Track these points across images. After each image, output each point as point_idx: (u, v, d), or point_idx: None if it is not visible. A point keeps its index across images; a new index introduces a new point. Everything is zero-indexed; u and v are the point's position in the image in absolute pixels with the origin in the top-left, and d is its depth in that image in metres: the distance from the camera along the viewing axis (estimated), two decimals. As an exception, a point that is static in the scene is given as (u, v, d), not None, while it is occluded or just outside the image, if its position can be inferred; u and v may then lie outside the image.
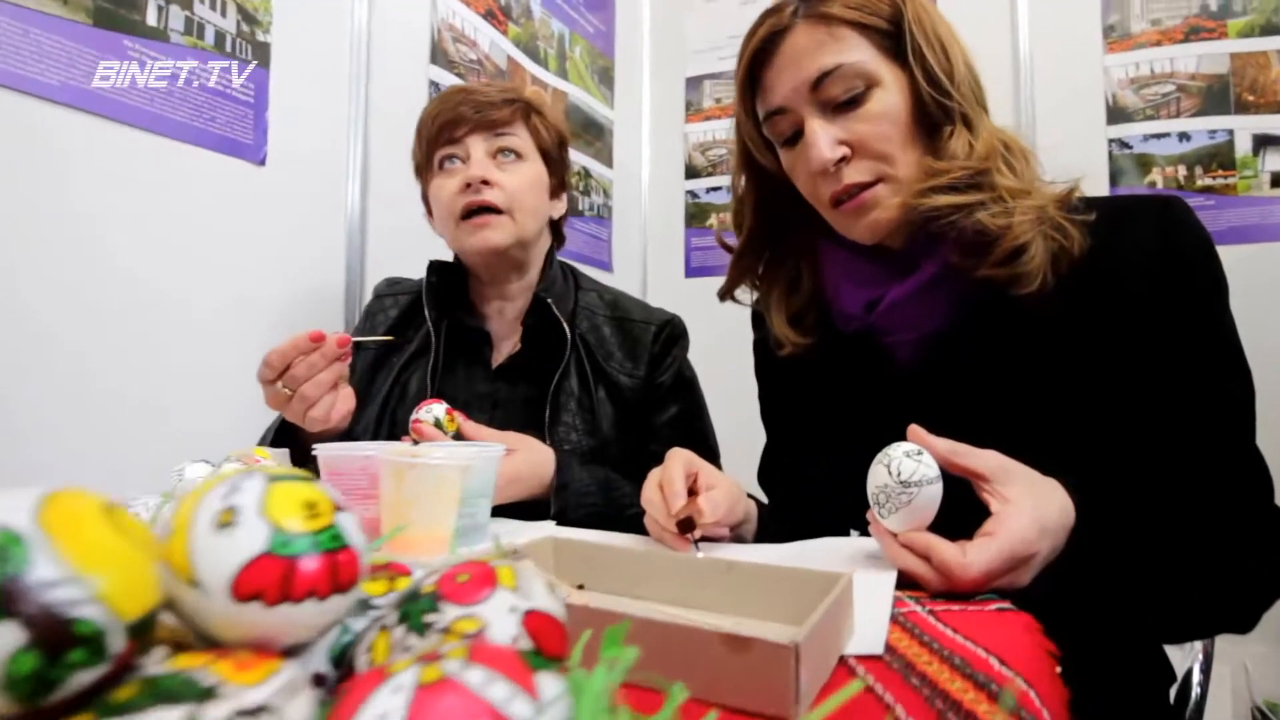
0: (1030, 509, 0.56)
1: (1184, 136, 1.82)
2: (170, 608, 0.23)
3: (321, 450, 0.69)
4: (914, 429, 0.61)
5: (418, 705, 0.17)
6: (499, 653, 0.20)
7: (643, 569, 0.56)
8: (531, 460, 0.89)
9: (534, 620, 0.24)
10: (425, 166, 1.10)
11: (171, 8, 1.12)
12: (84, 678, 0.19)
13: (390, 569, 0.30)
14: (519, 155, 1.07)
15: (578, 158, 2.13)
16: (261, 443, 1.01)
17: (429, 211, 1.15)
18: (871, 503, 0.59)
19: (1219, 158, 1.79)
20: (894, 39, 0.73)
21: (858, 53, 0.72)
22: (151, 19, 1.10)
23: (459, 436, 0.88)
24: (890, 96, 0.72)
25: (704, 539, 0.71)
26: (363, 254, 1.42)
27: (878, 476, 0.58)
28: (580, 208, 2.15)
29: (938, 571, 0.54)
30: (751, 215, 0.87)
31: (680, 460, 0.71)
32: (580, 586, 0.59)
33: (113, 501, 0.21)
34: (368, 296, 1.25)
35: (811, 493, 0.84)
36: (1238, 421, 0.68)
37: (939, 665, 0.41)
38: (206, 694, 0.19)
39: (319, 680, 0.26)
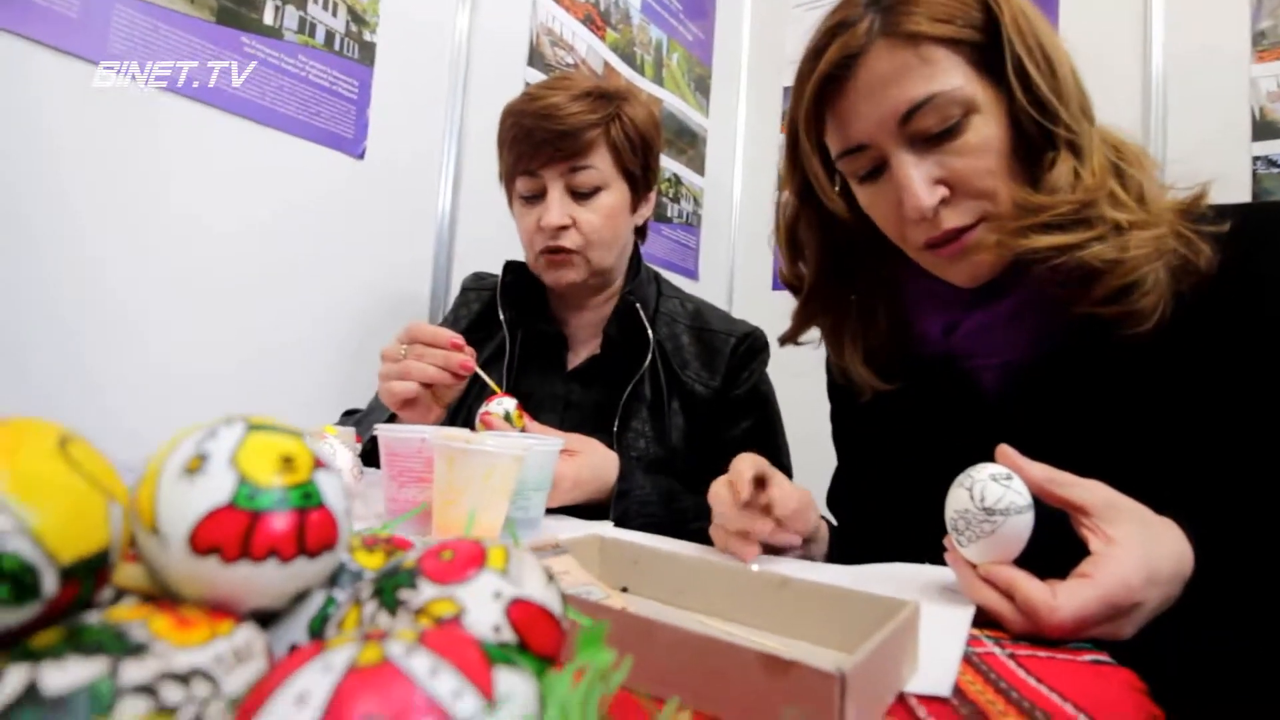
0: (1139, 552, 0.48)
1: (1345, 156, 1.62)
2: (137, 556, 0.21)
3: (381, 430, 0.69)
4: (1004, 450, 0.54)
5: (344, 689, 0.15)
6: (456, 640, 0.17)
7: (691, 576, 0.53)
8: (595, 464, 0.87)
9: (521, 610, 0.21)
10: (508, 178, 1.09)
11: (287, 7, 1.18)
12: (7, 617, 0.17)
13: (392, 542, 0.28)
14: (599, 187, 1.04)
15: (669, 164, 2.11)
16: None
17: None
18: (949, 529, 0.54)
19: (1388, 181, 1.58)
20: (987, 51, 0.62)
21: (952, 76, 0.62)
22: (269, 18, 1.16)
23: None
24: (990, 123, 0.62)
25: (773, 551, 0.67)
26: (450, 251, 1.44)
27: (957, 500, 0.53)
28: (669, 214, 2.13)
29: (1021, 612, 0.48)
30: (816, 256, 0.79)
31: (750, 461, 0.67)
32: (624, 589, 0.56)
33: (73, 434, 0.20)
34: (453, 296, 1.27)
35: (883, 519, 0.78)
36: None
37: (1015, 717, 0.35)
38: (134, 650, 0.17)
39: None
